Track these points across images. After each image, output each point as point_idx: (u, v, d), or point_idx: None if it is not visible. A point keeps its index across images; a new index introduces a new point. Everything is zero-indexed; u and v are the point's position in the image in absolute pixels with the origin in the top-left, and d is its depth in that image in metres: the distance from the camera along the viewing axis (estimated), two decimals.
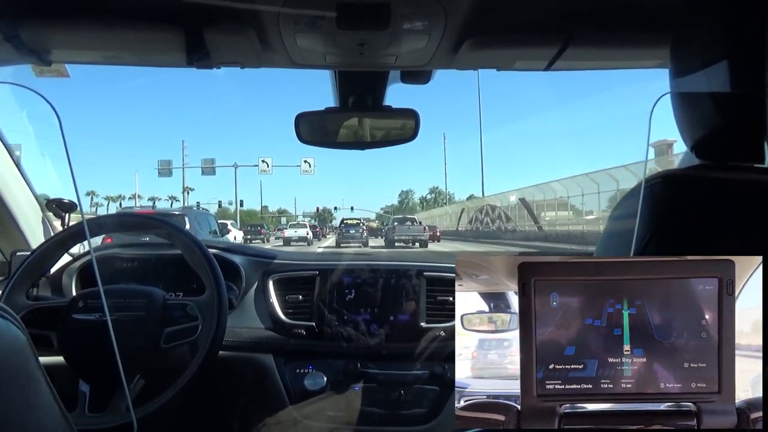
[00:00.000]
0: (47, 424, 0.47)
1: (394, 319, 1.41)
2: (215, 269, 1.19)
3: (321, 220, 56.52)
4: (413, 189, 71.14)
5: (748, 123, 0.63)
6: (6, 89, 1.19)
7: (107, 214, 2.73)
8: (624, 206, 0.67)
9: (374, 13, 0.84)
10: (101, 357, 0.98)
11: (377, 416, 1.36)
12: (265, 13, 0.85)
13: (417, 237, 21.07)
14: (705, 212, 0.60)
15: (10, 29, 0.88)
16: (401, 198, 70.18)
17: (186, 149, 37.78)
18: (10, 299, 1.15)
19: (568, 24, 0.91)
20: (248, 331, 1.42)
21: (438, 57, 1.02)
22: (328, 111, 1.19)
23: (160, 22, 0.89)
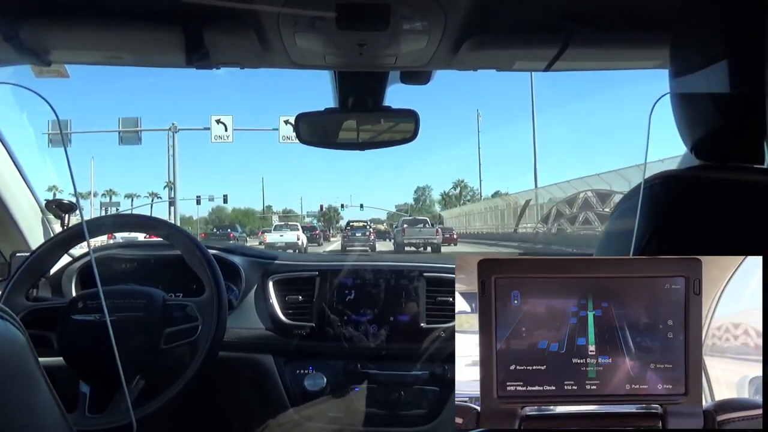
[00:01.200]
0: (47, 425, 0.47)
1: (394, 319, 1.41)
2: (215, 269, 1.19)
3: (326, 220, 51.61)
4: (430, 185, 62.25)
5: (747, 123, 0.63)
6: (6, 89, 1.19)
7: (106, 214, 2.72)
8: (623, 207, 0.67)
9: (374, 13, 0.84)
10: (101, 358, 0.98)
11: (377, 417, 1.36)
12: (265, 13, 0.85)
13: (429, 240, 19.70)
14: (705, 213, 0.60)
15: (9, 29, 0.88)
16: (417, 195, 61.96)
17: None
18: (9, 300, 1.15)
19: (568, 24, 0.91)
20: (248, 331, 1.42)
21: (438, 57, 1.02)
22: (328, 111, 1.19)
23: (160, 22, 0.89)
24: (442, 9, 0.84)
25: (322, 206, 50.42)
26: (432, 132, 64.38)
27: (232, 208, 46.22)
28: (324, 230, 35.25)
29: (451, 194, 57.26)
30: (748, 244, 0.55)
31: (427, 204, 60.45)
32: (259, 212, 53.29)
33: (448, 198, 57.48)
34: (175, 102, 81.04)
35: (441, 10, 0.84)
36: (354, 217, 27.29)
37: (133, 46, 0.98)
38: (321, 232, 30.20)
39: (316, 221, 49.85)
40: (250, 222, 45.50)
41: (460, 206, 46.55)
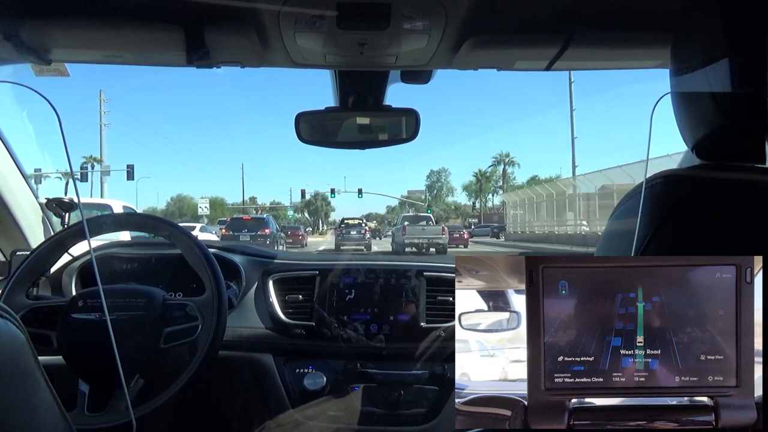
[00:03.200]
0: (46, 424, 0.47)
1: (393, 319, 1.41)
2: (215, 269, 1.19)
3: (311, 211, 38.64)
4: (447, 167, 50.48)
5: (748, 123, 0.62)
6: (6, 88, 1.19)
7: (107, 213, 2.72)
8: (625, 206, 0.67)
9: (374, 12, 0.84)
10: (100, 357, 0.98)
11: (377, 416, 1.36)
12: (266, 12, 0.85)
13: (433, 240, 17.25)
14: (706, 212, 0.60)
15: (9, 28, 0.88)
16: (431, 181, 49.31)
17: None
18: (9, 299, 1.15)
19: (569, 24, 0.91)
20: (248, 330, 1.42)
21: (438, 57, 1.02)
22: (328, 110, 1.19)
23: (161, 21, 0.89)
24: (443, 8, 0.84)
25: (304, 191, 37.48)
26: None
27: (201, 197, 34.45)
28: (306, 226, 27.71)
29: (491, 175, 44.61)
30: (749, 243, 0.55)
31: (444, 192, 49.47)
32: (232, 204, 40.88)
33: (485, 178, 44.94)
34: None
35: (442, 9, 0.84)
36: (349, 210, 25.81)
37: (134, 45, 0.98)
38: (300, 234, 23.38)
39: (300, 214, 35.98)
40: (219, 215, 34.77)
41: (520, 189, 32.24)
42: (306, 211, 37.32)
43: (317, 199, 39.75)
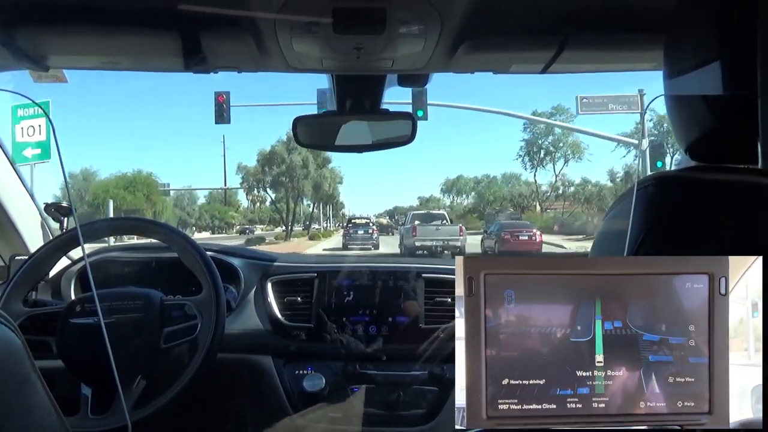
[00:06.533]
0: (43, 427, 0.47)
1: (392, 320, 1.42)
2: (211, 268, 1.20)
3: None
4: (464, 174, 39.57)
5: (740, 124, 0.63)
6: (5, 94, 1.19)
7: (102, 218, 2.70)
8: (617, 209, 0.67)
9: (370, 17, 0.84)
10: (100, 360, 0.99)
11: (376, 417, 1.36)
12: (262, 17, 0.86)
13: (449, 242, 14.60)
14: (698, 214, 0.60)
15: (7, 35, 0.88)
16: (446, 187, 38.93)
17: None
18: (8, 303, 1.15)
19: (564, 27, 0.92)
20: (247, 332, 1.42)
21: (434, 60, 1.02)
22: (326, 114, 1.20)
23: (158, 27, 0.89)
24: (438, 13, 0.84)
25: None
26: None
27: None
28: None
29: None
30: (741, 245, 0.56)
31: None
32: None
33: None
34: None
35: (437, 13, 0.85)
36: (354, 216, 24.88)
37: (131, 51, 0.98)
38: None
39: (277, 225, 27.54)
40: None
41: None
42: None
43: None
